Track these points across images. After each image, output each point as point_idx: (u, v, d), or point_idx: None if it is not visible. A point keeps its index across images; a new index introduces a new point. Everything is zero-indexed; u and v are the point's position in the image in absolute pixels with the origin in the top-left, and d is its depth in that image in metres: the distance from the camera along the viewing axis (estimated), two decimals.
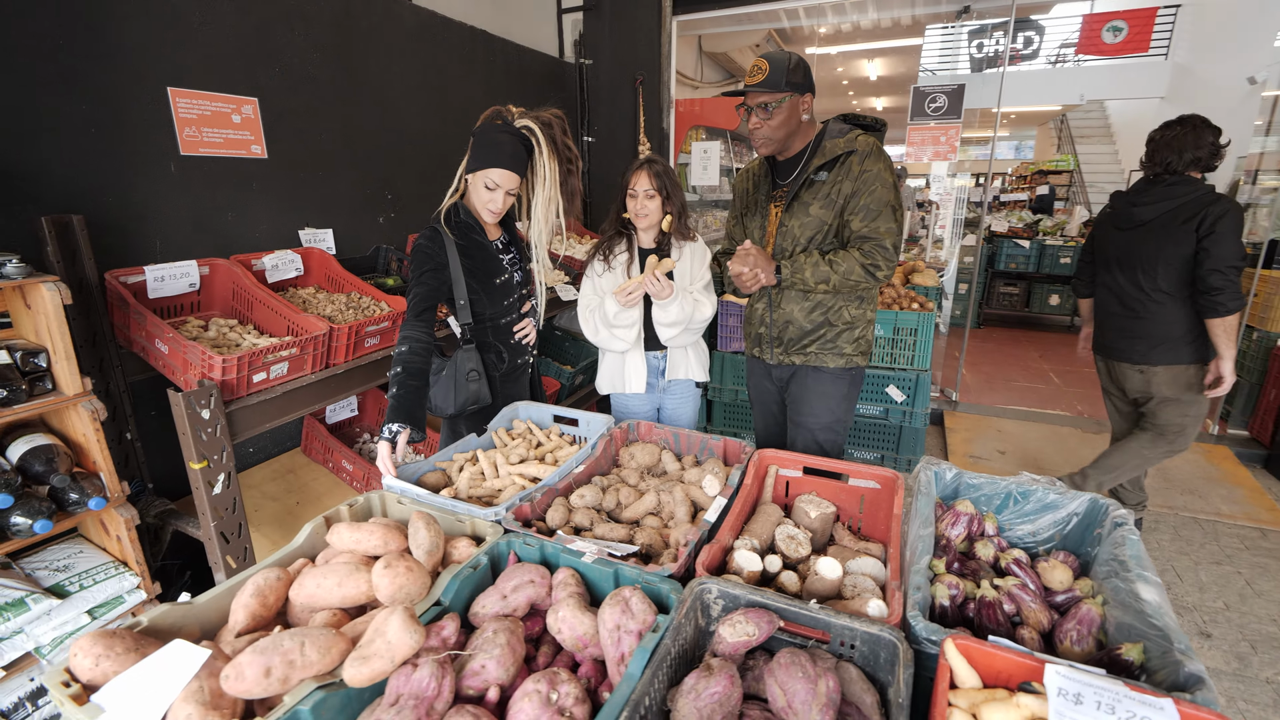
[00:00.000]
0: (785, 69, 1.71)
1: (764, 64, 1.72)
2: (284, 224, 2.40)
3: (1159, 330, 2.32)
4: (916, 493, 1.42)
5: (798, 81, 1.73)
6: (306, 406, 1.90)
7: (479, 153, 1.72)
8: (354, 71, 2.62)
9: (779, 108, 1.73)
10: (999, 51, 4.26)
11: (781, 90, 1.71)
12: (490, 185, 1.73)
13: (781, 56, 1.74)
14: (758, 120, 1.78)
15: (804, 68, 1.75)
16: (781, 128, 1.77)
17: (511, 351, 1.96)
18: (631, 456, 1.67)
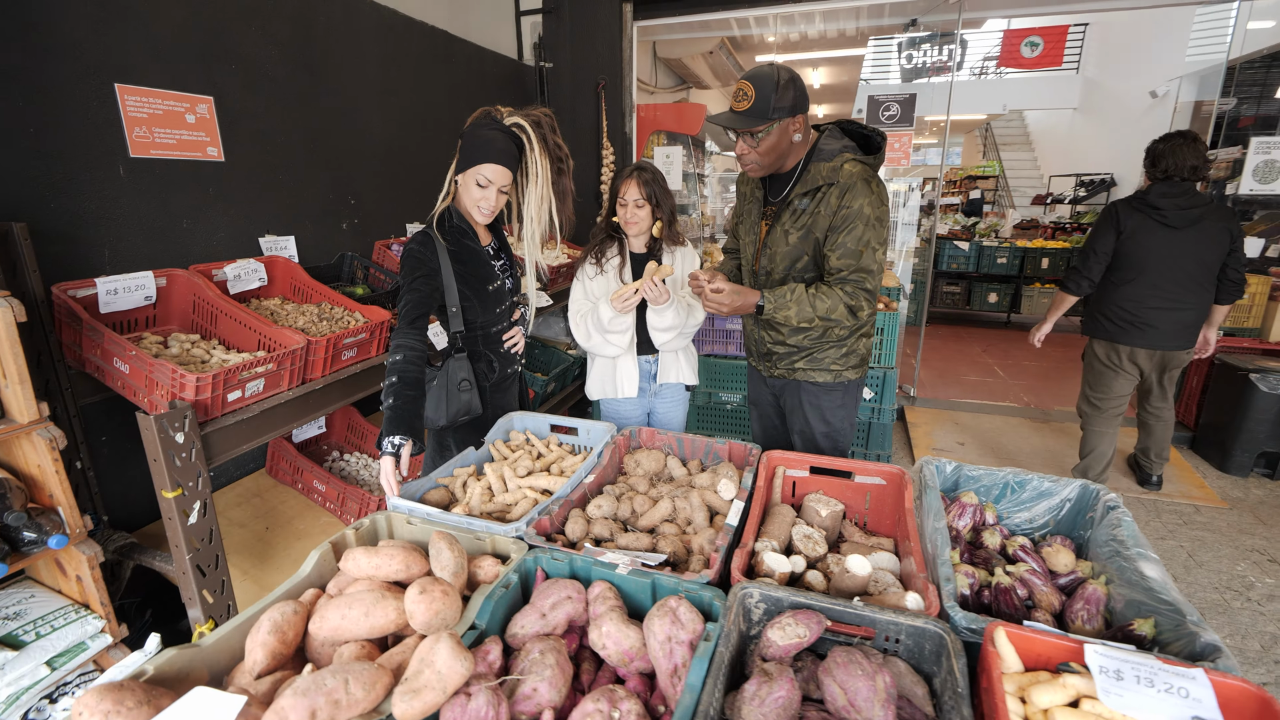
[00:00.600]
0: (772, 93, 1.56)
1: (749, 88, 1.58)
2: (243, 231, 2.25)
3: (1198, 317, 2.73)
4: (923, 486, 1.46)
5: (786, 105, 1.59)
6: (284, 425, 1.79)
7: (469, 151, 1.66)
8: (314, 70, 2.49)
9: (767, 135, 1.62)
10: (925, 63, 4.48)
11: (768, 118, 1.59)
12: (482, 182, 1.68)
13: (768, 77, 1.57)
14: (744, 146, 1.68)
15: (794, 87, 1.60)
16: (770, 153, 1.67)
17: (502, 361, 1.91)
18: (637, 464, 1.65)
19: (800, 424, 1.91)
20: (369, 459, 2.61)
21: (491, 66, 3.71)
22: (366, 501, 2.20)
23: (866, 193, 1.63)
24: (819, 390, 1.86)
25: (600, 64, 4.10)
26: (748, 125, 1.61)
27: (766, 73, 1.59)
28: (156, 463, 1.44)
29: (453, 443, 1.92)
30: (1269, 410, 3.15)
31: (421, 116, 3.13)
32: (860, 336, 1.84)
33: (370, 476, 2.52)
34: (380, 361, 2.12)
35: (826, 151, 1.70)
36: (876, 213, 1.63)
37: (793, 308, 1.68)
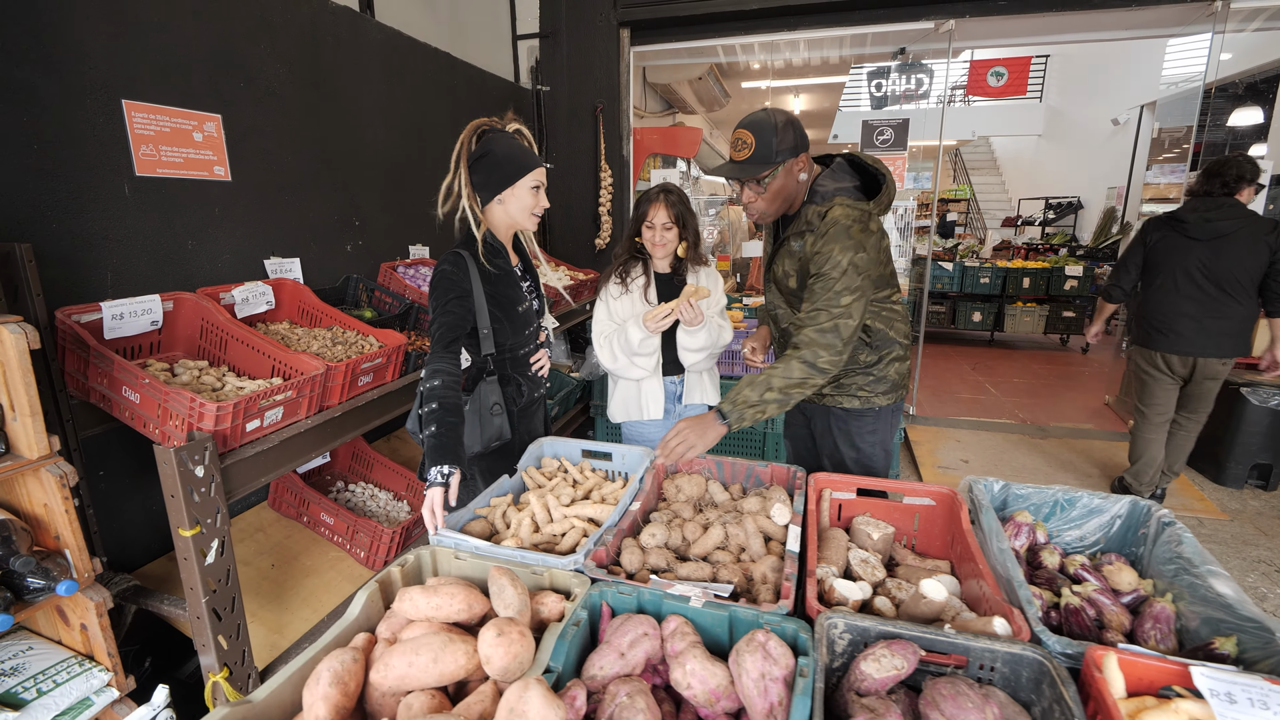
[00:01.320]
0: (773, 136, 1.51)
1: (747, 136, 1.53)
2: (249, 253, 2.17)
3: (1236, 327, 2.81)
4: (976, 507, 1.44)
5: (788, 146, 1.54)
6: (303, 456, 1.69)
7: (509, 165, 1.63)
8: (321, 89, 2.44)
9: (772, 179, 1.57)
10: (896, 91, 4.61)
11: (772, 163, 1.54)
12: (536, 185, 1.67)
13: (765, 122, 1.52)
14: (750, 194, 1.62)
15: (793, 128, 1.55)
16: (777, 198, 1.62)
17: (530, 384, 1.85)
18: (678, 489, 1.60)
19: (829, 449, 1.88)
20: (375, 488, 2.50)
21: (492, 89, 3.70)
22: (378, 535, 2.10)
23: (842, 239, 1.53)
24: (848, 416, 1.82)
25: (598, 88, 4.12)
26: (753, 173, 1.56)
27: (762, 118, 1.55)
28: (174, 499, 1.34)
29: (476, 471, 1.85)
30: (1260, 423, 3.24)
31: (425, 138, 3.09)
32: (891, 361, 1.78)
33: (378, 507, 2.41)
34: (395, 388, 2.04)
35: (820, 194, 1.64)
36: (853, 259, 1.52)
37: (745, 397, 1.55)
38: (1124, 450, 3.73)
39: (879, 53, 4.95)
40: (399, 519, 2.37)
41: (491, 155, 1.64)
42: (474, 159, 1.65)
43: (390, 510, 2.41)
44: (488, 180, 1.66)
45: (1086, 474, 3.50)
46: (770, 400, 1.56)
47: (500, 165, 1.65)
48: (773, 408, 1.57)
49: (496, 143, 1.65)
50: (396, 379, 2.09)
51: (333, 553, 2.18)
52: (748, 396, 1.57)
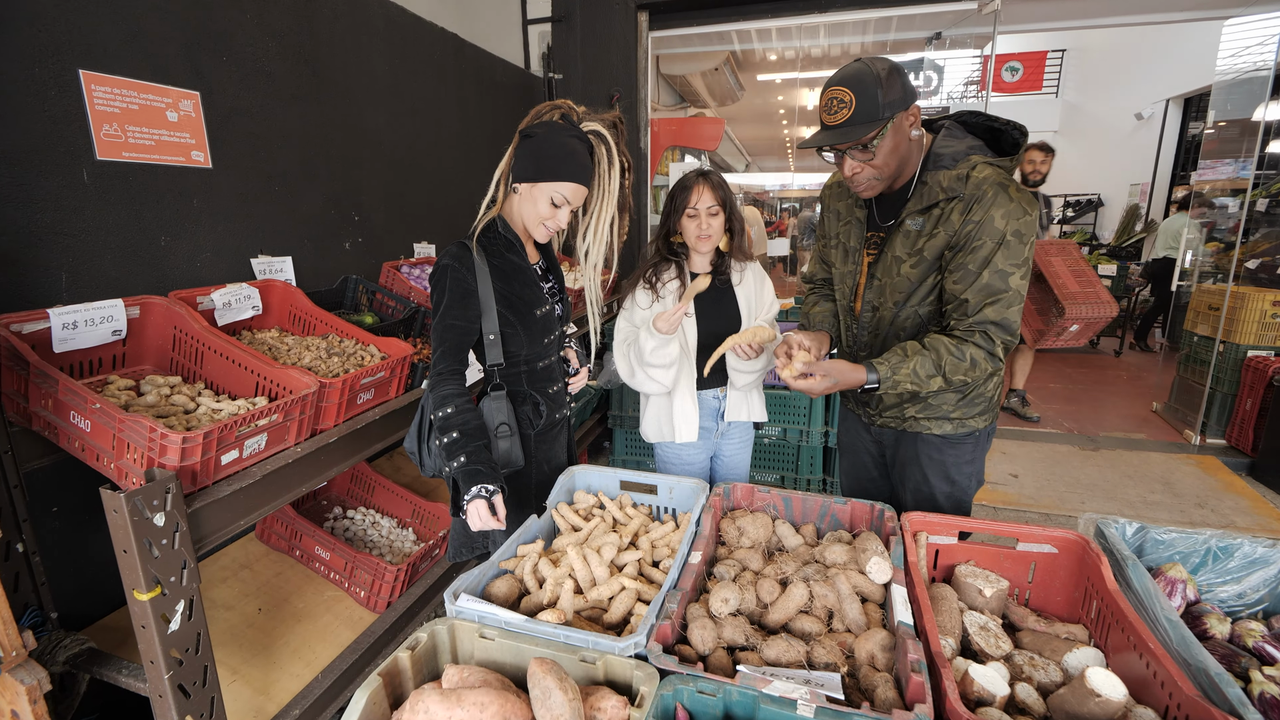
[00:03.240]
0: (877, 88, 1.26)
1: (844, 93, 1.27)
2: (233, 251, 1.90)
3: None
4: (1119, 558, 1.17)
5: (897, 97, 1.28)
6: (290, 490, 1.43)
7: (546, 160, 1.37)
8: (316, 67, 2.17)
9: (881, 139, 1.30)
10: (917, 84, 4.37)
11: (880, 118, 1.27)
12: (559, 200, 1.39)
13: (864, 72, 1.27)
14: (855, 164, 1.36)
15: (899, 75, 1.29)
16: (890, 161, 1.34)
17: (550, 403, 1.58)
18: (740, 531, 1.33)
19: (916, 482, 1.59)
20: (377, 514, 2.23)
21: (502, 75, 3.44)
22: (380, 572, 1.83)
23: (1003, 202, 1.29)
24: (943, 444, 1.54)
25: (614, 76, 3.86)
26: (858, 136, 1.28)
27: (860, 69, 1.28)
28: (127, 555, 1.07)
29: None
30: None
31: (431, 125, 2.83)
32: (988, 377, 1.51)
33: (379, 537, 2.15)
34: (400, 405, 1.77)
35: (947, 156, 1.37)
36: (1014, 227, 1.29)
37: (908, 372, 1.35)
38: (1187, 463, 3.47)
39: (907, 39, 4.69)
40: (404, 549, 2.11)
41: (536, 140, 1.39)
42: (526, 133, 1.41)
43: (394, 540, 2.15)
44: (519, 161, 1.42)
45: (1150, 490, 3.23)
46: (933, 388, 1.39)
47: (534, 154, 1.39)
48: (935, 382, 1.39)
49: (552, 132, 1.39)
50: (401, 394, 1.83)
51: (329, 592, 1.91)
52: (916, 371, 1.36)
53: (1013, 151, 1.39)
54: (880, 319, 1.53)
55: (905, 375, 1.36)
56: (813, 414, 3.14)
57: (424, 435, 1.48)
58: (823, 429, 3.16)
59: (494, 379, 1.49)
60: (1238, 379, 3.56)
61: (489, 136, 3.28)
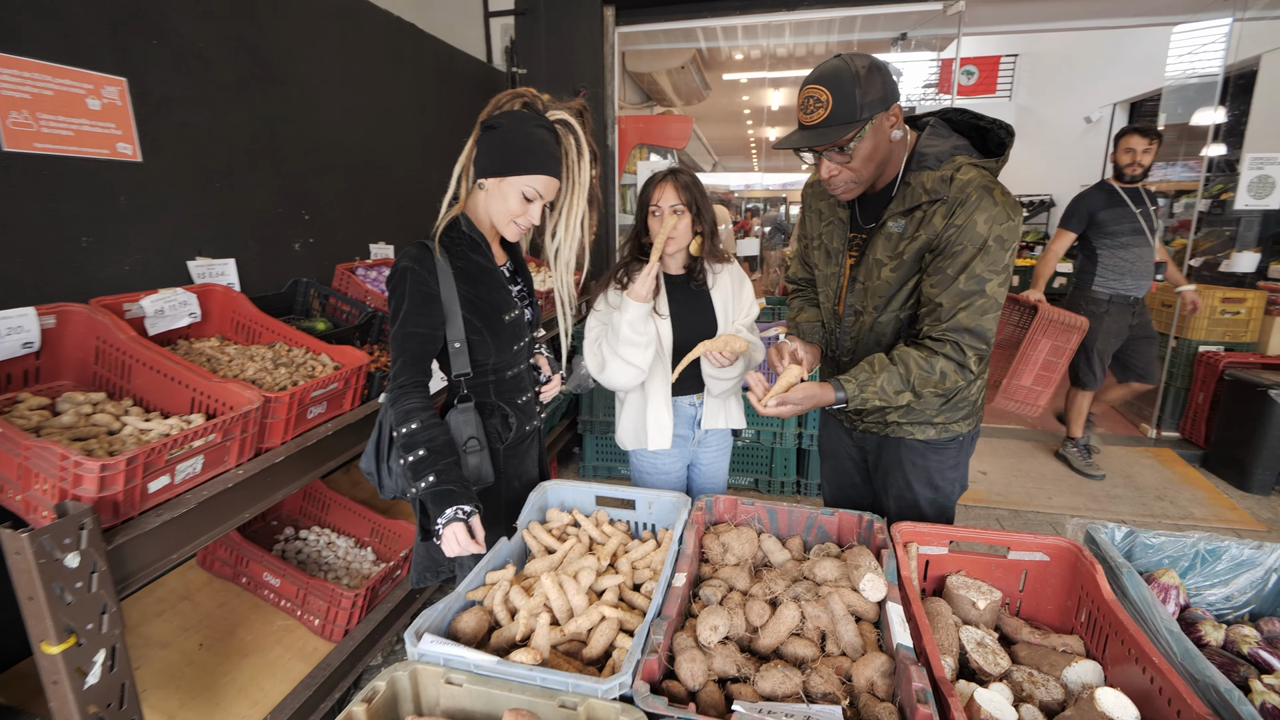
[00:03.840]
0: (854, 87, 1.19)
1: (820, 92, 1.21)
2: (167, 253, 1.74)
3: None
4: (1113, 565, 1.14)
5: (876, 96, 1.21)
6: (232, 517, 1.29)
7: (514, 152, 1.27)
8: (260, 55, 2.02)
9: (860, 140, 1.24)
10: None
11: (858, 119, 1.21)
12: (530, 194, 1.30)
13: (842, 70, 1.20)
14: (833, 167, 1.30)
15: (879, 73, 1.22)
16: (869, 163, 1.29)
17: (520, 415, 1.48)
18: (725, 548, 1.26)
19: (899, 488, 1.55)
20: (332, 534, 2.09)
21: (462, 68, 3.30)
22: (336, 599, 1.71)
23: (987, 206, 1.23)
24: (926, 449, 1.49)
25: (580, 71, 3.76)
26: (834, 138, 1.22)
27: (838, 66, 1.21)
28: (33, 602, 0.93)
29: None
30: None
31: (388, 118, 2.68)
32: (973, 381, 1.48)
33: (336, 558, 2.01)
34: (356, 419, 1.65)
35: (931, 156, 1.32)
36: (996, 232, 1.23)
37: (875, 387, 1.31)
38: (1145, 457, 3.56)
39: (871, 39, 4.72)
40: (363, 571, 1.97)
41: (500, 131, 1.28)
42: (488, 125, 1.30)
43: (352, 561, 2.01)
44: (482, 156, 1.31)
45: (1113, 483, 3.30)
46: (902, 402, 1.34)
47: (500, 147, 1.28)
48: (903, 398, 1.34)
49: (518, 122, 1.29)
50: (357, 406, 1.70)
51: (280, 621, 1.77)
52: (884, 388, 1.31)
53: (999, 152, 1.36)
54: (862, 323, 1.48)
55: (873, 393, 1.31)
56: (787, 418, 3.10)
57: (383, 453, 1.36)
58: (796, 431, 3.13)
59: (460, 390, 1.39)
60: (1190, 374, 3.68)
61: (449, 131, 3.15)
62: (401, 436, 1.21)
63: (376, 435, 1.37)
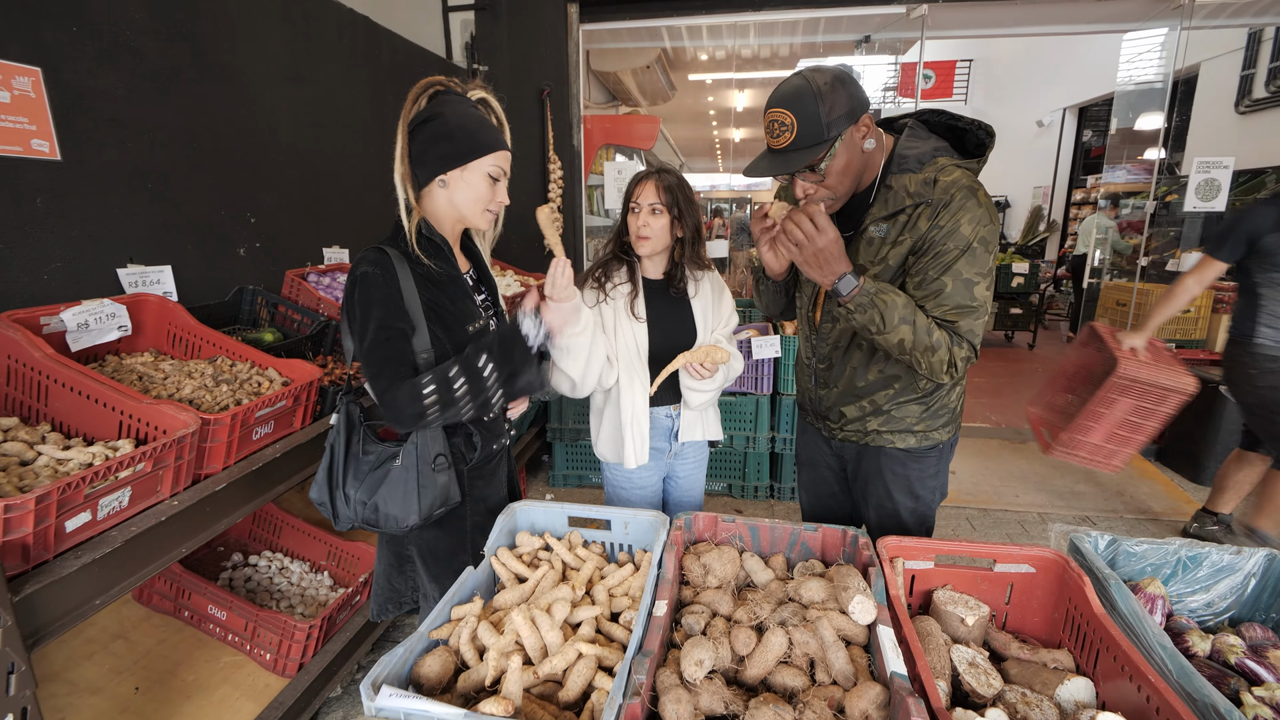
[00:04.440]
0: (817, 105, 1.15)
1: (784, 115, 1.17)
2: (92, 260, 1.59)
3: None
4: (1101, 577, 1.12)
5: (842, 111, 1.17)
6: (166, 554, 1.17)
7: (466, 137, 1.20)
8: (199, 46, 1.87)
9: (832, 159, 1.21)
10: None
11: (826, 139, 1.18)
12: (496, 174, 1.24)
13: (803, 90, 1.16)
14: (808, 186, 1.27)
15: (843, 87, 1.18)
16: (843, 179, 1.25)
17: (485, 433, 1.38)
18: (706, 570, 1.20)
19: (879, 498, 1.51)
20: (285, 559, 1.96)
21: (420, 65, 3.17)
22: (289, 631, 1.59)
23: (971, 208, 1.20)
24: (905, 458, 1.46)
25: (544, 70, 3.66)
26: (803, 161, 1.19)
27: (799, 86, 1.17)
28: None
29: (414, 553, 1.37)
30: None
31: (341, 116, 2.55)
32: (952, 387, 1.45)
33: (289, 585, 1.88)
34: (307, 438, 1.54)
35: (912, 158, 1.29)
36: (980, 234, 1.21)
37: (891, 298, 1.20)
38: None
39: (836, 41, 4.74)
40: (319, 598, 1.85)
41: (441, 121, 1.19)
42: (418, 121, 1.20)
43: (307, 587, 1.89)
44: (429, 152, 1.21)
45: (1075, 480, 3.37)
46: (890, 339, 1.23)
47: (450, 136, 1.20)
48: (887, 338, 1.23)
49: (450, 107, 1.21)
50: (308, 424, 1.58)
51: (227, 657, 1.64)
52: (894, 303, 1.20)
53: (978, 153, 1.33)
54: (842, 331, 1.44)
55: (881, 301, 1.20)
56: (759, 420, 3.07)
57: (337, 479, 1.25)
58: (769, 434, 3.10)
59: None
60: None
61: None
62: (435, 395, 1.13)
63: (328, 461, 1.27)
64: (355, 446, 1.27)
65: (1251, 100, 5.31)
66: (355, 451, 1.26)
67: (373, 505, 1.24)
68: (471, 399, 1.16)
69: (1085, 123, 8.83)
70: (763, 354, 2.92)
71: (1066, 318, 7.28)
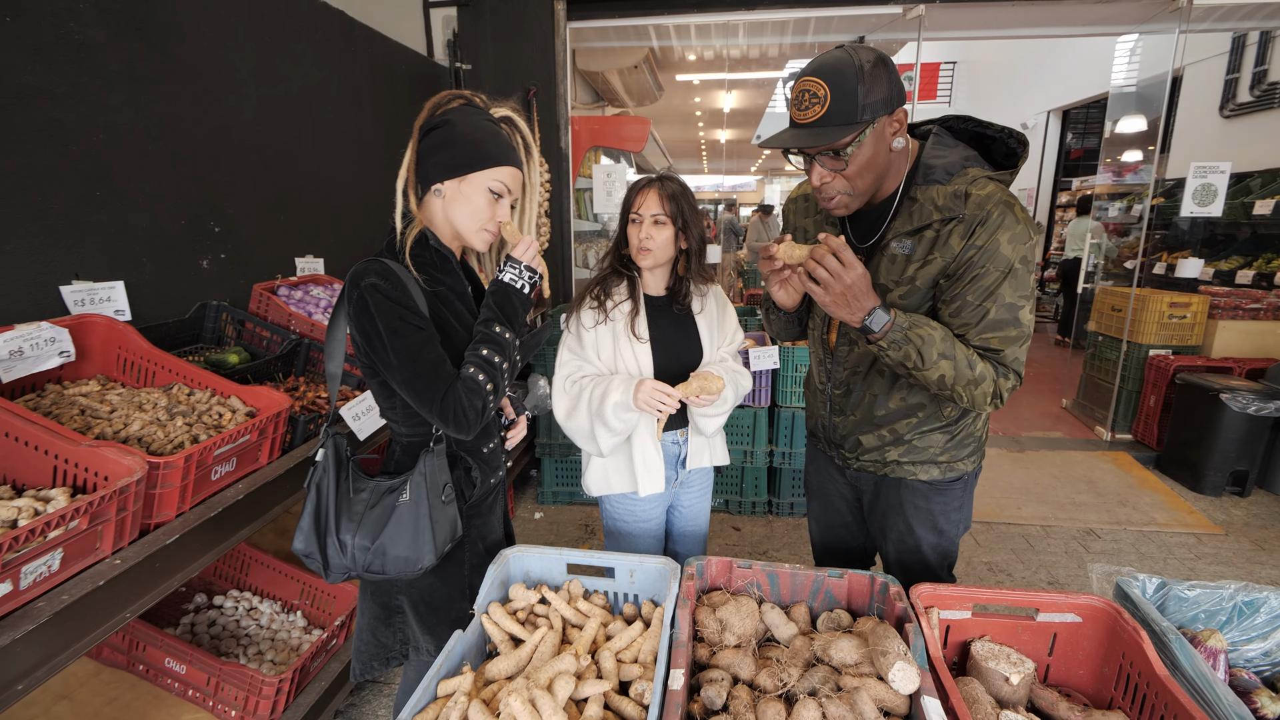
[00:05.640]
0: (857, 84, 1.03)
1: (818, 86, 1.04)
2: (30, 278, 1.43)
3: None
4: (1162, 633, 1.02)
5: (880, 97, 1.04)
6: (109, 620, 1.02)
7: (471, 147, 1.09)
8: (155, 41, 1.71)
9: (859, 146, 1.08)
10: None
11: (858, 121, 1.05)
12: (498, 188, 1.12)
13: (844, 63, 1.04)
14: (825, 173, 1.13)
15: (886, 70, 1.06)
16: (865, 174, 1.12)
17: (484, 467, 1.25)
18: (723, 625, 1.08)
19: (899, 533, 1.40)
20: (254, 598, 1.81)
21: (401, 63, 3.01)
22: (256, 685, 1.44)
23: (1010, 225, 1.10)
24: (929, 490, 1.35)
25: (529, 69, 3.52)
26: (830, 140, 1.05)
27: (841, 58, 1.04)
28: None
29: (406, 603, 1.23)
30: (1237, 429, 3.16)
31: (315, 116, 2.39)
32: (977, 415, 1.34)
33: (258, 628, 1.73)
34: (275, 475, 1.39)
35: (939, 169, 1.17)
36: (1021, 253, 1.11)
37: (927, 331, 1.11)
38: (1104, 461, 3.61)
39: (829, 41, 4.66)
40: (291, 643, 1.70)
41: (450, 128, 1.09)
42: (428, 128, 1.10)
43: (278, 630, 1.73)
44: (428, 159, 1.09)
45: (1076, 490, 3.31)
46: (930, 375, 1.14)
47: (455, 144, 1.08)
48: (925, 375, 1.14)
49: (466, 115, 1.11)
50: (276, 459, 1.44)
51: (188, 715, 1.48)
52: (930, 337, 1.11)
53: (1009, 164, 1.22)
54: (861, 355, 1.32)
55: (916, 335, 1.10)
56: (756, 433, 2.96)
57: (326, 526, 1.11)
58: (767, 448, 3.00)
59: (434, 432, 1.16)
60: (1142, 377, 3.75)
61: (387, 131, 2.86)
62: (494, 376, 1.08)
63: (315, 505, 1.12)
64: (345, 485, 1.13)
65: (1236, 104, 5.32)
66: (345, 491, 1.13)
67: (378, 549, 1.10)
68: (510, 372, 1.13)
69: (1069, 126, 8.87)
70: (760, 365, 2.81)
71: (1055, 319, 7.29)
